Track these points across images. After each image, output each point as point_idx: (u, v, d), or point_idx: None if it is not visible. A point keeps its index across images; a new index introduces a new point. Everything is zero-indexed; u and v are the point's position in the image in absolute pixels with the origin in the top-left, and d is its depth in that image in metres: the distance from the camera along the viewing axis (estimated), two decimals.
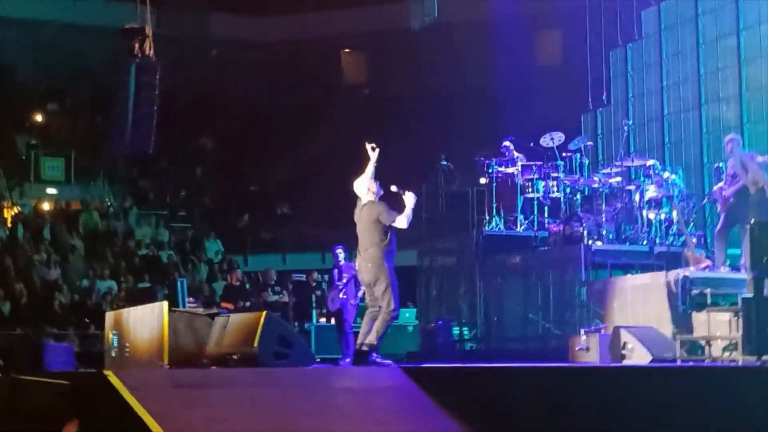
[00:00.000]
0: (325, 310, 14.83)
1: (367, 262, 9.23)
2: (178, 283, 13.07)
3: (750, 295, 8.39)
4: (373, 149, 9.50)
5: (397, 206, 9.32)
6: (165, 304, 9.95)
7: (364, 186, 9.39)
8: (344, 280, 13.01)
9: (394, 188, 9.47)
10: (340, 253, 13.56)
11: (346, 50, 27.62)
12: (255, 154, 24.51)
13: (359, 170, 9.51)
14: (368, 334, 9.16)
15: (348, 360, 12.93)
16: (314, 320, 15.36)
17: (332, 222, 18.28)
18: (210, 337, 9.80)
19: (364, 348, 9.10)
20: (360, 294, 13.18)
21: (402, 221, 9.20)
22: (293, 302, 16.92)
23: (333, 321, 13.88)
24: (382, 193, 9.48)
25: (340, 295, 12.98)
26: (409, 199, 9.31)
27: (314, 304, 15.95)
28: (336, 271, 13.33)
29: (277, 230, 23.61)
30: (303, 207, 23.80)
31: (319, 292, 16.32)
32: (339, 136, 22.52)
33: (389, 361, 9.20)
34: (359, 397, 7.50)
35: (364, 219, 9.30)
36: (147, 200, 23.54)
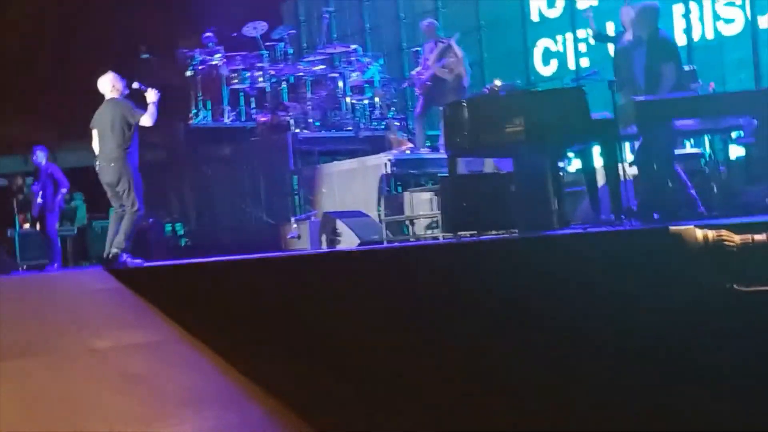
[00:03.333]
0: (29, 215, 14.21)
1: (109, 162, 9.02)
2: None
3: (446, 174, 8.78)
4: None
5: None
6: None
7: (109, 83, 9.17)
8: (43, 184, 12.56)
9: (135, 85, 9.32)
10: (40, 154, 12.97)
11: None
12: None
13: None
14: (115, 236, 8.98)
15: (55, 265, 12.54)
16: (18, 226, 14.65)
17: (34, 121, 17.35)
18: None
19: (114, 251, 8.90)
20: (60, 197, 12.73)
21: (147, 119, 9.08)
22: None
23: (39, 226, 13.36)
24: (127, 92, 9.30)
25: (38, 200, 12.51)
26: (152, 95, 9.17)
27: (16, 210, 15.19)
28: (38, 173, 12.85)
29: None
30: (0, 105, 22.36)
31: (21, 197, 15.57)
32: (34, 29, 21.21)
33: (139, 260, 9.08)
34: (67, 303, 7.27)
35: (106, 117, 9.06)
36: None
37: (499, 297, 5.60)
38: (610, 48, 10.32)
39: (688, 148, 8.92)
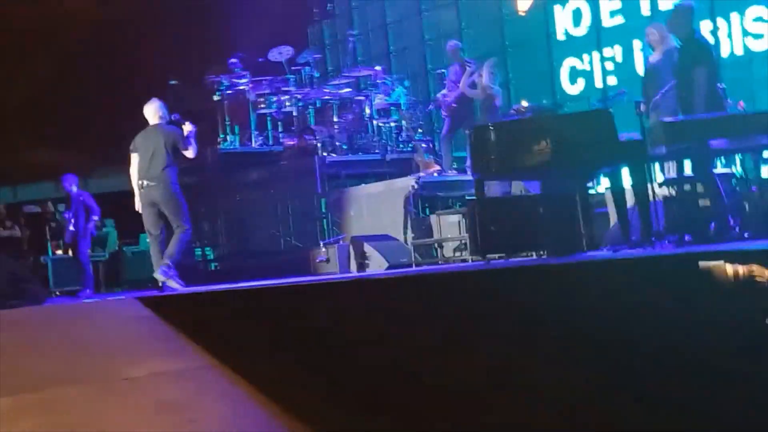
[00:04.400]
0: (62, 242, 14.38)
1: (157, 182, 9.36)
2: None
3: (473, 197, 8.79)
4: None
5: None
6: None
7: (157, 110, 9.56)
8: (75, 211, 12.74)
9: (174, 116, 9.69)
10: (71, 181, 13.12)
11: None
12: None
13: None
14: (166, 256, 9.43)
15: (88, 290, 12.66)
16: (50, 253, 14.81)
17: (64, 149, 17.54)
18: None
19: (165, 262, 9.37)
20: (92, 224, 12.85)
21: (190, 152, 9.57)
22: (27, 236, 16.25)
23: (71, 252, 13.49)
24: (168, 119, 9.66)
25: (70, 227, 12.65)
26: (188, 127, 9.52)
27: (49, 236, 15.36)
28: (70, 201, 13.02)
29: (3, 160, 22.32)
30: (31, 134, 22.57)
31: (54, 224, 15.75)
32: (66, 59, 21.44)
33: (178, 286, 9.35)
34: (99, 331, 7.31)
35: (155, 140, 9.40)
36: None
37: (524, 322, 5.58)
38: (639, 68, 10.29)
39: (720, 168, 8.87)
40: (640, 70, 10.26)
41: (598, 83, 13.08)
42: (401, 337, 6.13)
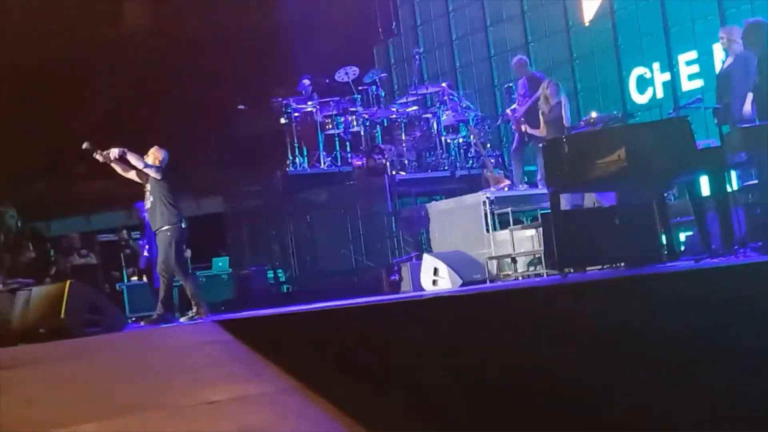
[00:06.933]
0: (136, 269, 14.53)
1: None
2: None
3: (548, 210, 8.68)
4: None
5: None
6: None
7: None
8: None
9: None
10: (144, 209, 13.24)
11: None
12: (40, 113, 23.29)
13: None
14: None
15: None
16: (125, 279, 14.98)
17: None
18: (13, 313, 9.36)
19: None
20: None
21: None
22: (102, 263, 16.47)
23: (146, 278, 13.64)
24: None
25: (144, 253, 12.79)
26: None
27: (124, 263, 15.56)
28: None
29: (76, 190, 22.70)
30: (100, 163, 22.89)
31: (128, 250, 15.94)
32: (129, 86, 21.76)
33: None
34: (179, 356, 7.33)
35: None
36: None
37: (606, 337, 5.46)
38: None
39: None
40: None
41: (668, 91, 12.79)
42: (481, 354, 6.04)
